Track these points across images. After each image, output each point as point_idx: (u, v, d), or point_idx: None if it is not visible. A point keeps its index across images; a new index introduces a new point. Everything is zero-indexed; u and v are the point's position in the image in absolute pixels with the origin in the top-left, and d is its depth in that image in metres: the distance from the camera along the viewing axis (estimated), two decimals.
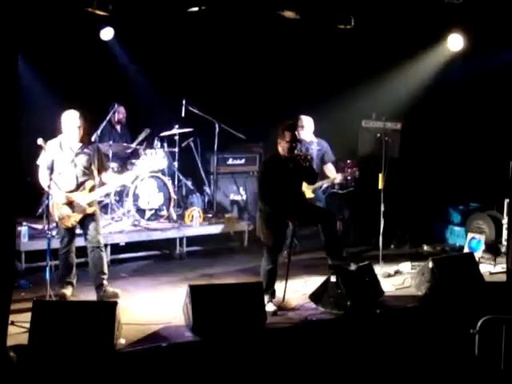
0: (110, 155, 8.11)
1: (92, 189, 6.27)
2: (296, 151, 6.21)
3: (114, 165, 8.12)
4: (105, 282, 6.26)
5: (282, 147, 6.15)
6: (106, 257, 7.55)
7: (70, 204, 6.13)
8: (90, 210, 6.20)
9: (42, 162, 6.10)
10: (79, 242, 6.50)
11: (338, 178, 7.96)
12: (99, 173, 6.37)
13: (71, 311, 5.10)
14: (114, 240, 7.67)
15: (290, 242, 6.40)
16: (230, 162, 9.19)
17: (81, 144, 6.24)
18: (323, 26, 8.35)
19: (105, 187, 6.50)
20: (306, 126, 8.03)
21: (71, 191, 6.18)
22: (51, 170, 6.12)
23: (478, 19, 8.28)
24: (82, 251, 6.65)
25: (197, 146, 9.04)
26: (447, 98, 9.40)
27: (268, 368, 4.96)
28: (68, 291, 6.28)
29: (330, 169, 8.07)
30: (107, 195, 7.89)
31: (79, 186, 6.21)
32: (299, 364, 5.04)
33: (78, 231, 6.45)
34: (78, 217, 6.18)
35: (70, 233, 6.29)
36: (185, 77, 9.07)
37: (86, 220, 6.23)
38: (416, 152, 9.26)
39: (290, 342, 5.44)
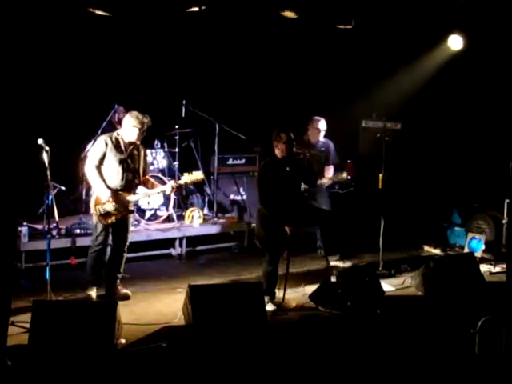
0: None
1: (135, 190, 6.34)
2: (294, 150, 6.22)
3: None
4: (118, 281, 6.35)
5: (280, 149, 6.16)
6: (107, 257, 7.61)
7: (115, 202, 6.11)
8: (130, 211, 6.29)
9: (93, 154, 6.12)
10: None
11: (323, 180, 7.79)
12: (142, 176, 6.38)
13: (71, 311, 5.09)
14: None
15: (289, 243, 6.39)
16: (230, 162, 9.19)
17: (133, 145, 6.23)
18: (323, 26, 8.36)
19: (146, 191, 6.52)
20: (323, 129, 7.88)
21: (117, 190, 6.16)
22: (100, 163, 6.13)
23: (478, 19, 8.28)
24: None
25: (197, 146, 9.04)
26: (447, 99, 9.41)
27: (268, 368, 4.95)
28: (93, 293, 6.24)
29: (328, 170, 7.98)
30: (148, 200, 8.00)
31: (126, 185, 6.20)
32: (299, 364, 5.04)
33: None
34: (119, 215, 6.16)
35: (107, 231, 6.24)
36: (185, 77, 9.07)
37: (122, 219, 6.24)
38: (416, 152, 9.27)
39: (290, 341, 5.44)
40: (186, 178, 6.56)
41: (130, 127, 6.15)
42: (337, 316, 5.94)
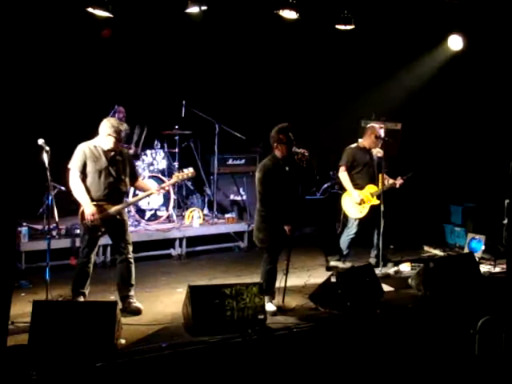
0: None
1: (123, 197, 6.10)
2: (293, 149, 6.22)
3: None
4: (131, 293, 6.09)
5: (280, 150, 6.17)
6: (106, 257, 7.58)
7: (101, 213, 5.89)
8: (120, 219, 6.01)
9: (74, 165, 5.87)
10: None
11: (397, 182, 7.53)
12: (131, 181, 6.18)
13: (71, 311, 5.09)
14: None
15: (288, 243, 6.38)
16: (230, 162, 9.21)
17: (114, 151, 5.99)
18: (323, 26, 8.36)
19: (137, 196, 6.37)
20: (382, 137, 7.54)
21: (102, 200, 5.93)
22: (83, 174, 5.90)
23: (477, 19, 8.29)
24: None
25: (197, 146, 9.05)
26: (447, 98, 9.41)
27: (268, 368, 4.96)
28: (82, 299, 6.05)
29: (385, 176, 7.60)
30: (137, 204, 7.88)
31: (109, 195, 5.94)
32: (299, 364, 5.04)
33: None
34: (107, 226, 5.96)
35: (94, 243, 6.04)
36: (185, 77, 9.07)
37: (115, 229, 6.03)
38: (416, 152, 9.28)
39: (290, 342, 5.44)
40: (175, 177, 6.40)
41: (106, 136, 5.91)
42: (337, 316, 5.94)
